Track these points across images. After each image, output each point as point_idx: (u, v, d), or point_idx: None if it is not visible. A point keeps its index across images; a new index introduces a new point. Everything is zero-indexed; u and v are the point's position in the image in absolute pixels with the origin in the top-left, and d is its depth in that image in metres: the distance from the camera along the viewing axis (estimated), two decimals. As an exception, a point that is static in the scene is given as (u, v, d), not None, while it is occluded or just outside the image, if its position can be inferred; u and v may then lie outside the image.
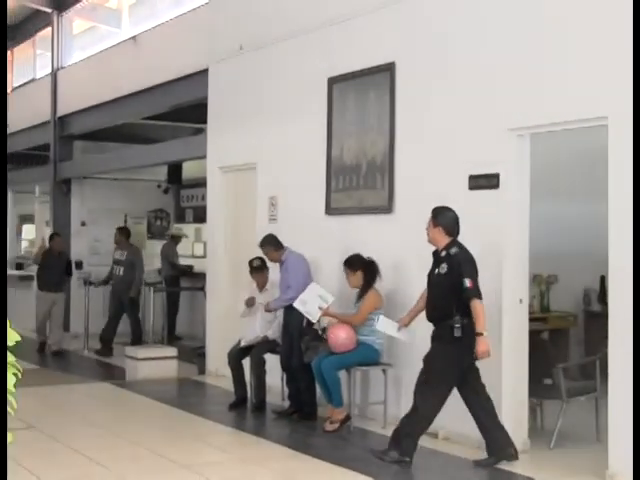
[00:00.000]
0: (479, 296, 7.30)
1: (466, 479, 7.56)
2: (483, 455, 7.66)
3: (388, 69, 9.30)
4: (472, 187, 8.30)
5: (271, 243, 9.82)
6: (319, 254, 10.04)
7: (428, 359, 7.61)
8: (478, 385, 7.67)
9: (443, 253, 7.55)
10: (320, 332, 9.25)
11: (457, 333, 7.35)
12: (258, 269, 10.17)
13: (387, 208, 9.32)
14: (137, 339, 14.92)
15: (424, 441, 7.73)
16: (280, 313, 9.87)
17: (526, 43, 7.87)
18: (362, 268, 9.07)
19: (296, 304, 9.19)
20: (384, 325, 8.51)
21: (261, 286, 10.23)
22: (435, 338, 7.63)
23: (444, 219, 7.57)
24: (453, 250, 7.47)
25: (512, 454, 7.59)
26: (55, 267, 15.23)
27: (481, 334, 7.23)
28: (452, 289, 7.38)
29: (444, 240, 7.56)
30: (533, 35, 7.83)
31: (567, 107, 7.50)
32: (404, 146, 9.18)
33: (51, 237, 15.87)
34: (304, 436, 8.88)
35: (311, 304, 9.09)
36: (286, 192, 10.90)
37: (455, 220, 7.57)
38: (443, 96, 8.73)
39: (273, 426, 9.51)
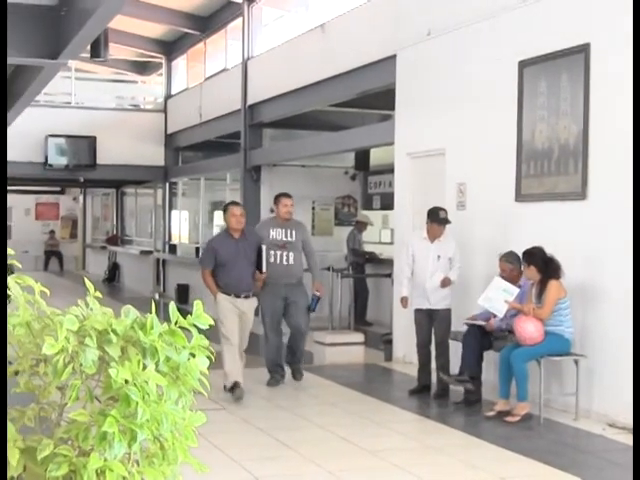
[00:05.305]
0: None
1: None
2: None
3: (582, 50, 9.00)
4: (670, 171, 7.96)
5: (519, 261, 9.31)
6: (508, 241, 9.84)
7: None
8: None
9: None
10: (505, 325, 9.08)
11: None
12: None
13: (581, 194, 9.04)
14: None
15: (619, 436, 7.43)
16: None
17: None
18: (536, 264, 8.79)
19: (481, 301, 9.06)
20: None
21: None
22: None
23: None
24: None
25: None
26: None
27: None
28: None
29: None
30: None
31: None
32: (599, 130, 8.87)
33: (225, 209, 10.55)
34: (492, 426, 8.70)
35: (496, 300, 8.96)
36: (475, 178, 10.73)
37: None
38: (641, 77, 8.40)
39: (457, 414, 9.38)
